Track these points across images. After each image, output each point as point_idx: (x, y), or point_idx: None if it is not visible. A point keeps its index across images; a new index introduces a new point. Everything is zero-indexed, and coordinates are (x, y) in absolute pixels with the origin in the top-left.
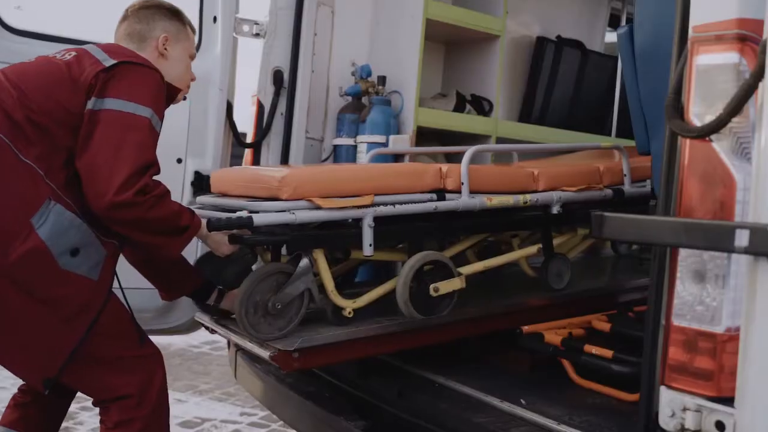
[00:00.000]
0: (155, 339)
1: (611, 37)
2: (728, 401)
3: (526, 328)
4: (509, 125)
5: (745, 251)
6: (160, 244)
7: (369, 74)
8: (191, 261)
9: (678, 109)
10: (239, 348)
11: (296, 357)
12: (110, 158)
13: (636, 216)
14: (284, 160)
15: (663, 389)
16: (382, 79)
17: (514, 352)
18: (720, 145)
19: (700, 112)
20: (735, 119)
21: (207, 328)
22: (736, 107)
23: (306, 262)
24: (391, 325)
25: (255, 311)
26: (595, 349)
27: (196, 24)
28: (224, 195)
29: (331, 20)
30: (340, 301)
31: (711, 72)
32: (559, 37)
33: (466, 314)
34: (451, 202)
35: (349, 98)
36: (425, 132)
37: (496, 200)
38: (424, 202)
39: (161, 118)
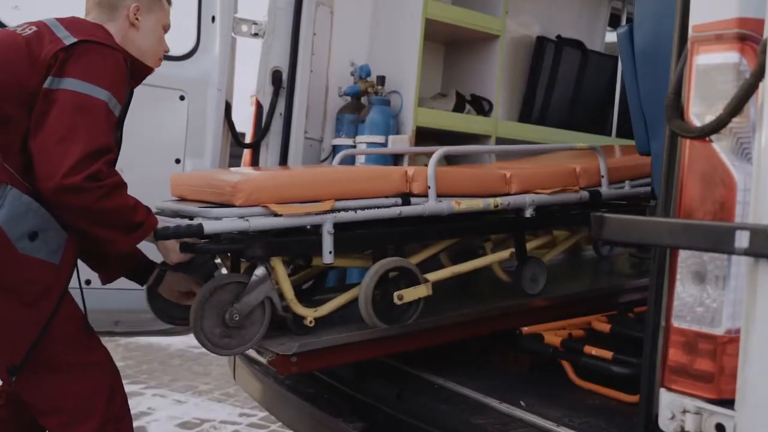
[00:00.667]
0: (156, 339)
1: (611, 36)
2: (728, 404)
3: (525, 329)
4: (509, 125)
5: (745, 252)
6: (110, 239)
7: (368, 74)
8: None
9: (678, 109)
10: None
11: (294, 361)
12: (62, 140)
13: (636, 217)
14: (283, 160)
15: (663, 391)
16: (382, 79)
17: (513, 353)
18: (720, 146)
19: (700, 112)
20: (735, 119)
21: None
22: (736, 107)
23: (262, 270)
24: (390, 328)
25: (212, 324)
26: (594, 350)
27: (194, 24)
28: (183, 199)
29: (330, 20)
30: (300, 309)
31: (711, 72)
32: (559, 36)
33: (466, 316)
34: (416, 207)
35: (349, 98)
36: (425, 132)
37: (465, 204)
38: (388, 207)
39: (121, 101)
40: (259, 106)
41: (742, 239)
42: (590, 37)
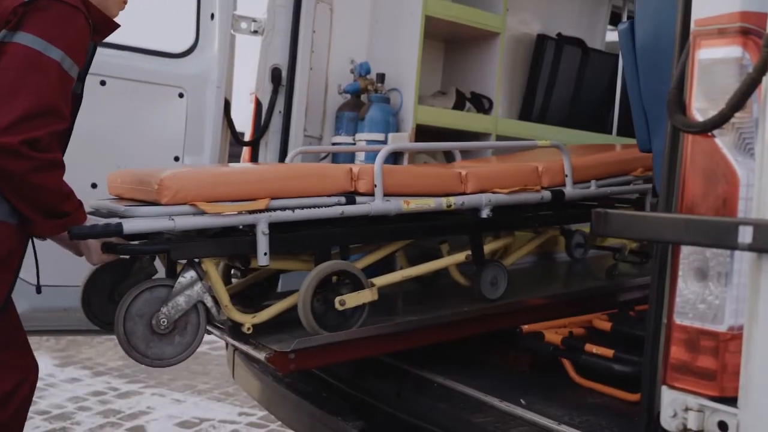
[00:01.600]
0: None
1: (612, 35)
2: (731, 401)
3: (526, 328)
4: (509, 123)
5: (749, 248)
6: (31, 217)
7: (368, 72)
8: None
9: (680, 105)
10: (237, 348)
11: (292, 358)
12: (5, 94)
13: (639, 213)
14: (282, 158)
15: (665, 389)
16: (381, 77)
17: (513, 352)
18: (723, 141)
19: (702, 107)
20: (738, 114)
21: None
22: (738, 102)
23: (190, 273)
24: (389, 326)
25: (137, 331)
26: (595, 349)
27: (193, 21)
28: (120, 198)
29: (330, 17)
30: (237, 316)
31: (713, 66)
32: (559, 34)
33: (465, 314)
34: (361, 206)
35: (348, 96)
36: (425, 130)
37: (414, 203)
38: (330, 206)
39: (80, 62)
40: (258, 104)
41: (745, 234)
42: (591, 35)
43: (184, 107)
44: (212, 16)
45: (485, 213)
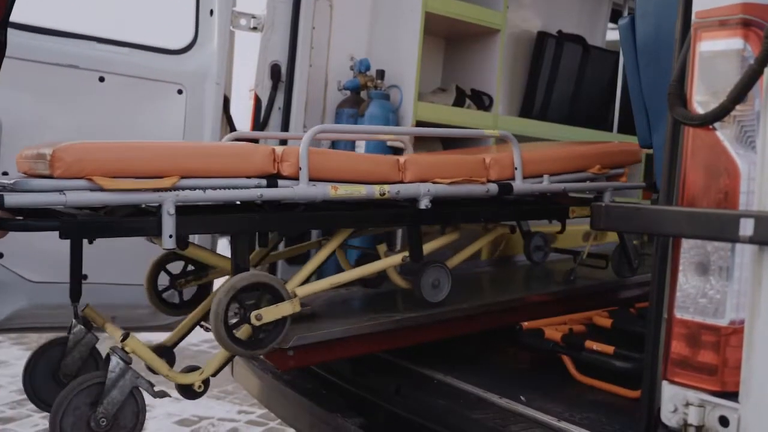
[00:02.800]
0: (154, 335)
1: (613, 34)
2: (732, 396)
3: (526, 325)
4: (509, 120)
5: (750, 240)
6: None
7: (368, 68)
8: None
9: (681, 97)
10: None
11: (291, 355)
12: None
13: (639, 206)
14: None
15: (665, 384)
16: (381, 73)
17: (513, 349)
18: (724, 134)
19: (703, 100)
20: (739, 107)
21: (202, 326)
22: (739, 94)
23: (116, 362)
24: (388, 323)
25: None
26: (596, 345)
27: (192, 17)
28: (26, 174)
29: (330, 13)
30: (183, 379)
31: (714, 59)
32: (560, 32)
33: (465, 311)
34: (283, 190)
35: (348, 92)
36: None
37: (344, 190)
38: (248, 188)
39: None
40: (257, 101)
41: (746, 227)
42: (591, 33)
43: (183, 104)
44: (211, 12)
45: (424, 204)
